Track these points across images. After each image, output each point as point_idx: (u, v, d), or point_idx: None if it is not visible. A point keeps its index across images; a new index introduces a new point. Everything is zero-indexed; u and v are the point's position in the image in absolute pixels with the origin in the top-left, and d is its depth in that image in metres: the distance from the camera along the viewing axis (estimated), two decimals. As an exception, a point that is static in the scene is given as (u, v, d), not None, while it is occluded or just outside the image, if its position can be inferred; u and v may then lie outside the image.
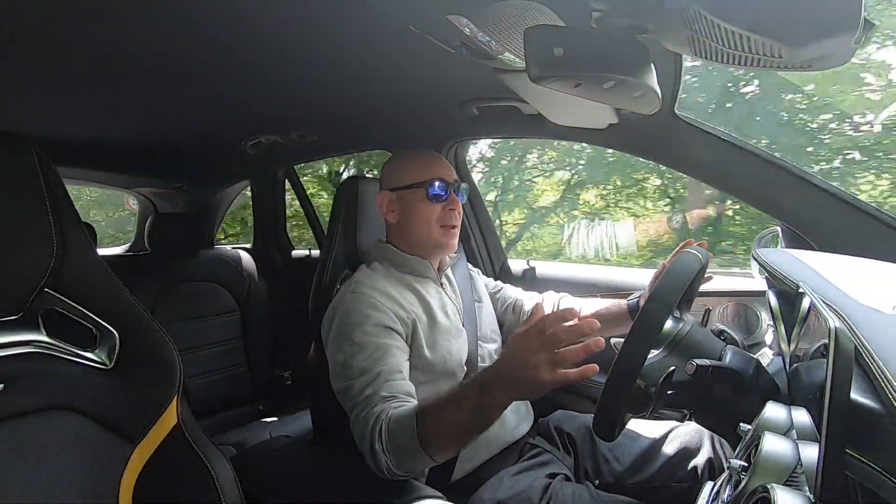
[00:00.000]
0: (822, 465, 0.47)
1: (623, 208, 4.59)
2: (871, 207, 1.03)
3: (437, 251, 1.16)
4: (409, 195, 1.12)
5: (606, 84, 0.68)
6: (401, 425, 0.85)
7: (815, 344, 0.75)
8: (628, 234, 4.33)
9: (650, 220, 4.51)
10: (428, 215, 1.12)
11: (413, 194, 1.12)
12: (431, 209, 1.11)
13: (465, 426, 0.81)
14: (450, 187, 1.12)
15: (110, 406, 0.73)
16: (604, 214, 4.58)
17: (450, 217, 1.13)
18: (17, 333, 0.68)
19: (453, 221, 1.13)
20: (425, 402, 0.87)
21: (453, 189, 1.13)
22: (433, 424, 0.83)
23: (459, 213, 1.15)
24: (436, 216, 1.12)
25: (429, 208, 1.11)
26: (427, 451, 0.83)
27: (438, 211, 1.12)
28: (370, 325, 1.00)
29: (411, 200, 1.12)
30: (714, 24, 0.54)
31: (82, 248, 0.75)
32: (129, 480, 0.72)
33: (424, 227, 1.12)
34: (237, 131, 1.63)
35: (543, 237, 5.12)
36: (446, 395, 0.83)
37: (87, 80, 1.06)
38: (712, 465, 1.07)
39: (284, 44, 0.92)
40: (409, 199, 1.13)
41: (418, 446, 0.83)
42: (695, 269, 0.83)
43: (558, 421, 1.24)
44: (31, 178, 0.70)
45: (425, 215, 1.12)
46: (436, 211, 1.12)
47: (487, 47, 0.87)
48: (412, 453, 0.84)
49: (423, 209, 1.12)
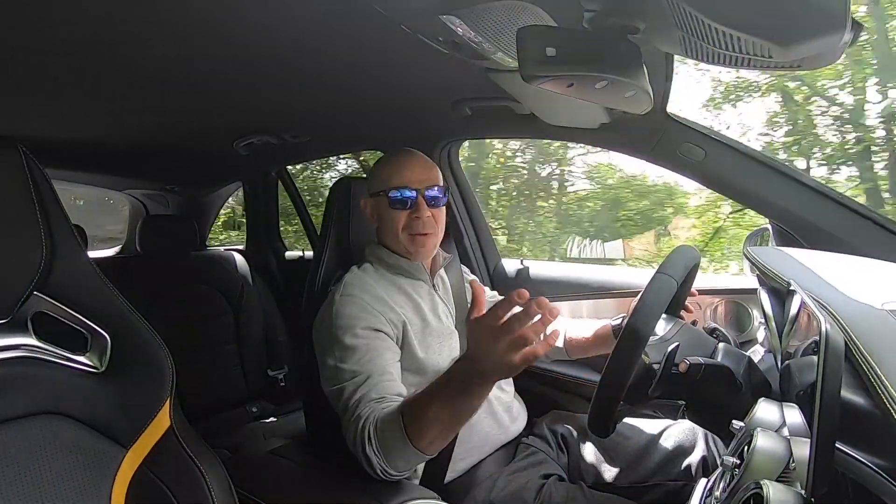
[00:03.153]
0: (813, 461, 0.48)
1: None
2: (861, 206, 1.05)
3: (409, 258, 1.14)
4: (378, 201, 1.12)
5: (598, 84, 0.68)
6: (387, 424, 0.85)
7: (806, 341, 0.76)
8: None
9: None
10: (393, 223, 1.09)
11: (379, 200, 1.11)
12: (396, 216, 1.09)
13: (450, 416, 0.82)
14: (417, 193, 1.08)
15: (102, 410, 0.72)
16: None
17: (415, 225, 1.09)
18: (6, 337, 0.67)
19: (419, 229, 1.09)
20: (409, 397, 0.88)
21: (423, 194, 1.09)
22: (419, 418, 0.83)
23: (431, 218, 1.10)
24: (401, 224, 1.09)
25: (393, 215, 1.09)
26: (417, 446, 0.83)
27: (404, 218, 1.09)
28: (360, 328, 0.99)
29: (379, 206, 1.12)
30: (705, 24, 0.55)
31: (72, 250, 0.74)
32: (121, 484, 0.71)
33: (392, 234, 1.10)
34: (229, 132, 1.62)
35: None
36: (429, 387, 0.83)
37: (77, 80, 1.05)
38: (706, 462, 1.07)
39: (276, 43, 0.91)
40: (378, 205, 1.12)
41: (407, 442, 0.83)
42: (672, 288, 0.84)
43: (552, 421, 1.24)
44: (18, 179, 0.69)
45: (391, 223, 1.10)
46: (401, 218, 1.09)
47: (480, 47, 0.87)
48: (402, 450, 0.84)
49: (388, 216, 1.10)
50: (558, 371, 1.51)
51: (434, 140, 1.62)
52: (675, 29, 0.61)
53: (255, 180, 2.36)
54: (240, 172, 2.33)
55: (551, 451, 1.17)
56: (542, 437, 1.20)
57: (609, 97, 0.75)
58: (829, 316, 0.57)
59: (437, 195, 1.11)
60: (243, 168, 2.22)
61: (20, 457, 0.65)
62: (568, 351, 1.27)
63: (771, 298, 0.83)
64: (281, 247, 2.51)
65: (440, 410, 0.81)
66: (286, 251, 2.50)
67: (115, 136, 1.57)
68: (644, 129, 1.19)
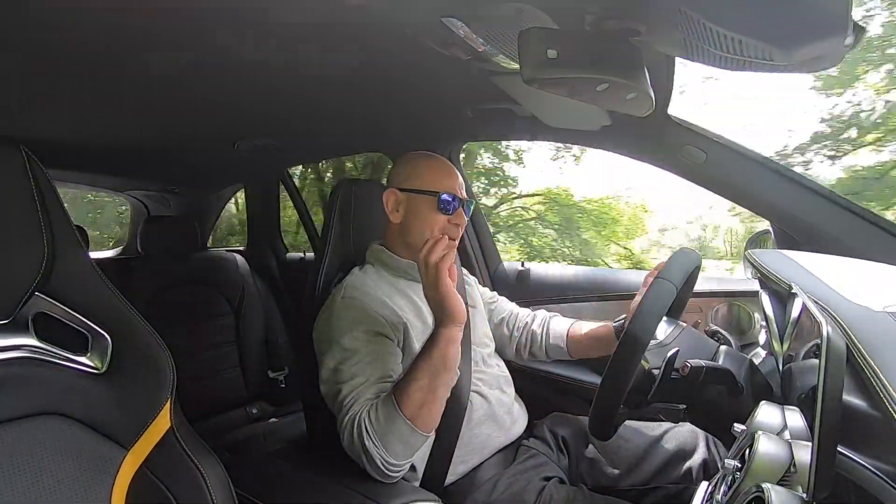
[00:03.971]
0: (815, 464, 0.48)
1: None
2: (862, 209, 1.04)
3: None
4: (419, 200, 1.11)
5: (600, 86, 0.69)
6: (381, 407, 0.91)
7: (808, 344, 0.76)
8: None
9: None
10: (432, 224, 1.10)
11: (423, 200, 1.11)
12: (437, 219, 1.10)
13: (430, 374, 0.92)
14: (460, 202, 1.12)
15: (102, 411, 0.72)
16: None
17: (453, 230, 1.11)
18: (7, 338, 0.67)
19: (455, 234, 1.12)
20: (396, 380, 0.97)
21: (462, 204, 1.12)
22: (406, 388, 0.91)
23: (462, 227, 1.14)
24: (439, 227, 1.10)
25: (435, 217, 1.10)
26: (409, 418, 0.90)
27: (443, 222, 1.11)
28: (360, 331, 0.99)
29: (420, 205, 1.11)
30: (706, 26, 0.55)
31: (73, 251, 0.74)
32: (121, 485, 0.71)
33: (427, 234, 1.10)
34: (231, 134, 1.62)
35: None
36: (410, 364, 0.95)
37: (80, 82, 1.05)
38: (707, 465, 1.07)
39: (279, 46, 0.92)
40: (417, 203, 1.11)
41: (403, 419, 0.89)
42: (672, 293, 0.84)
43: (553, 423, 1.24)
44: (20, 180, 0.69)
45: (430, 223, 1.10)
46: (441, 222, 1.10)
47: (482, 50, 0.87)
48: (398, 429, 0.89)
49: (429, 217, 1.10)
50: (559, 373, 1.51)
51: (436, 143, 1.61)
52: (677, 31, 0.62)
53: (256, 182, 2.37)
54: (241, 174, 2.34)
55: (552, 453, 1.16)
56: (542, 440, 1.19)
57: (610, 99, 0.75)
58: (831, 319, 0.57)
59: (468, 207, 1.15)
60: (245, 169, 2.23)
61: (21, 457, 0.65)
62: (569, 350, 1.27)
63: (772, 301, 0.83)
64: (282, 248, 2.51)
65: (422, 373, 0.92)
66: (287, 253, 2.50)
67: (117, 138, 1.58)
68: (645, 132, 1.19)
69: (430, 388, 0.92)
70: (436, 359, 0.93)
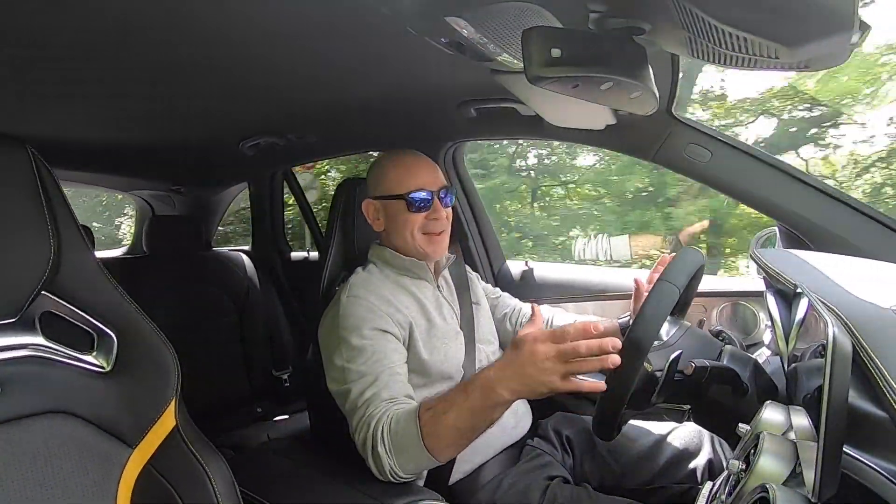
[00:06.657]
0: (820, 464, 0.47)
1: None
2: (869, 207, 1.04)
3: (422, 258, 1.15)
4: (391, 205, 1.11)
5: (604, 85, 0.68)
6: (403, 425, 0.87)
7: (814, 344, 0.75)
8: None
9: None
10: (409, 225, 1.10)
11: (395, 204, 1.11)
12: (413, 219, 1.10)
13: (467, 423, 0.84)
14: (433, 195, 1.11)
15: (108, 409, 0.72)
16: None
17: (432, 226, 1.11)
18: (14, 337, 0.68)
19: (436, 229, 1.11)
20: (427, 401, 0.89)
21: (437, 196, 1.11)
22: (436, 422, 0.85)
23: (445, 218, 1.13)
24: (418, 225, 1.10)
25: (410, 218, 1.10)
26: (431, 451, 0.85)
27: (420, 220, 1.10)
28: (367, 329, 1.00)
29: (393, 209, 1.11)
30: (711, 25, 0.55)
31: (79, 250, 0.75)
32: (126, 483, 0.72)
33: (407, 236, 1.11)
34: (235, 133, 1.62)
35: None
36: (449, 392, 0.85)
37: (85, 82, 1.05)
38: (712, 465, 1.06)
39: (282, 44, 0.92)
40: (391, 208, 1.12)
41: (421, 445, 0.84)
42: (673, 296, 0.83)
43: (557, 422, 1.24)
44: (26, 179, 0.70)
45: (407, 225, 1.10)
46: (418, 220, 1.10)
47: (485, 48, 0.87)
48: (415, 453, 0.86)
49: (403, 219, 1.10)
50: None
51: (439, 141, 1.62)
52: (681, 30, 0.61)
53: (260, 181, 2.37)
54: (246, 173, 2.34)
55: (556, 452, 1.16)
56: (547, 439, 1.19)
57: (615, 98, 0.74)
58: (837, 318, 0.57)
59: (448, 195, 1.14)
60: (249, 169, 2.23)
61: (27, 455, 0.65)
62: None
63: (778, 301, 0.82)
64: (286, 248, 2.52)
65: (459, 418, 0.83)
66: (291, 252, 2.51)
67: (122, 137, 1.58)
68: (650, 131, 1.19)
69: (462, 434, 0.86)
70: (481, 414, 0.83)
